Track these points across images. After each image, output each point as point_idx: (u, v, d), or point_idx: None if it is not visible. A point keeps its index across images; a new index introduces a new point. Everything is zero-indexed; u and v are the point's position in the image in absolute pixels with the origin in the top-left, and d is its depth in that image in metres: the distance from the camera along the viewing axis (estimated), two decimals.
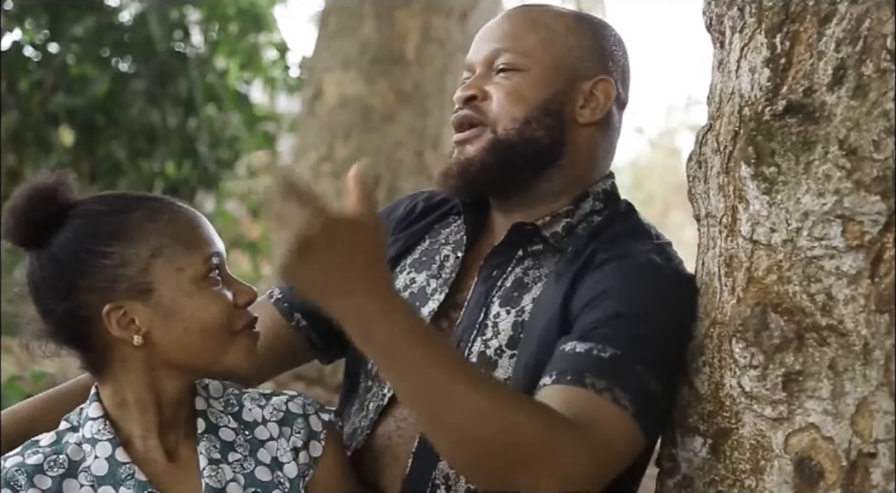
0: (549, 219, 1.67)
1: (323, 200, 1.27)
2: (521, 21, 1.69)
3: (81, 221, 1.47)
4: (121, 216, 1.47)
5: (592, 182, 1.70)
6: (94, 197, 1.53)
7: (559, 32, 1.68)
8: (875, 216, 1.34)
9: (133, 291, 1.44)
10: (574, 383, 1.42)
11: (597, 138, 1.70)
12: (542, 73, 1.66)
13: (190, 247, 1.47)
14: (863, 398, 1.36)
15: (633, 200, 1.81)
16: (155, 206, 1.50)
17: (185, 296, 1.45)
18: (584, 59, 1.68)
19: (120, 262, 1.44)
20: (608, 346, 1.46)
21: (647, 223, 1.71)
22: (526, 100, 1.65)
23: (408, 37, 5.02)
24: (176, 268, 1.45)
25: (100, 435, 1.48)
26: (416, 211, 1.84)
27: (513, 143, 1.65)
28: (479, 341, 1.62)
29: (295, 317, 1.83)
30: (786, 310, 1.42)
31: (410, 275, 1.75)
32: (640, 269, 1.56)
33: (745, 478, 1.46)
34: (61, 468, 1.45)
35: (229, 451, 1.52)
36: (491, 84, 1.67)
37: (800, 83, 1.41)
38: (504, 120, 1.65)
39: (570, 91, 1.67)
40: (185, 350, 1.47)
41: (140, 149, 6.26)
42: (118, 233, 1.46)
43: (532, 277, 1.65)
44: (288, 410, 1.58)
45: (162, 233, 1.46)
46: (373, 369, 1.73)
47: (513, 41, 1.67)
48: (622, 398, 1.42)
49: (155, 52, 6.03)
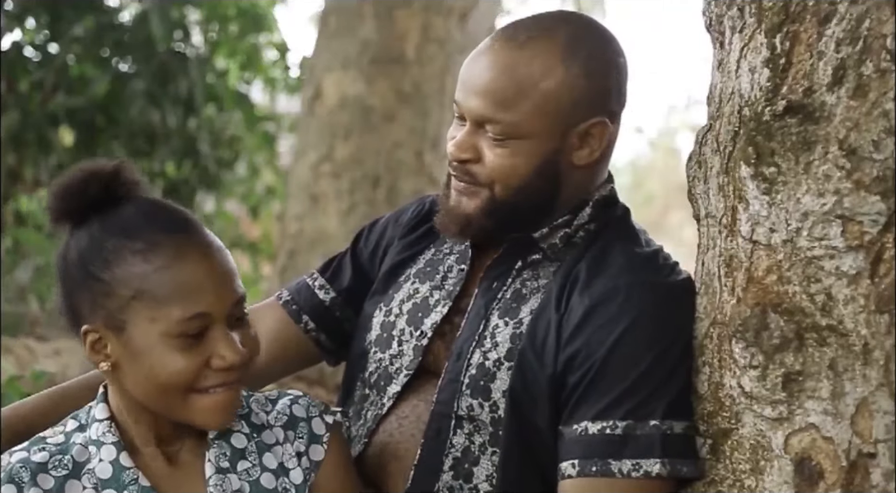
0: (547, 231, 1.66)
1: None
2: (508, 81, 1.59)
3: (102, 230, 1.44)
4: (130, 242, 1.42)
5: (592, 191, 1.69)
6: (143, 202, 1.47)
7: (550, 91, 1.59)
8: (875, 216, 1.34)
9: (109, 322, 1.42)
10: (604, 475, 1.50)
11: (594, 167, 1.67)
12: (536, 140, 1.60)
13: (171, 302, 1.40)
14: (863, 399, 1.36)
15: (633, 200, 1.81)
16: (170, 242, 1.42)
17: (149, 347, 1.40)
18: (578, 106, 1.61)
19: (106, 291, 1.41)
20: (618, 419, 1.51)
21: (640, 229, 1.71)
22: (519, 169, 1.61)
23: (408, 37, 5.02)
24: (150, 317, 1.40)
25: (105, 438, 1.46)
26: (423, 217, 1.83)
27: (509, 204, 1.63)
28: (478, 353, 1.63)
29: (303, 319, 1.84)
30: (786, 310, 1.42)
31: (414, 285, 1.75)
32: (631, 307, 1.55)
33: (744, 478, 1.46)
34: (65, 469, 1.44)
35: (239, 459, 1.50)
36: (483, 143, 1.61)
37: (800, 83, 1.41)
38: (499, 186, 1.62)
39: (564, 142, 1.62)
40: (146, 396, 1.44)
41: (140, 149, 6.25)
42: (116, 261, 1.41)
43: (530, 288, 1.65)
44: (292, 413, 1.56)
45: (149, 278, 1.40)
46: (371, 378, 1.74)
47: (502, 110, 1.58)
48: (652, 467, 1.50)
49: (155, 52, 6.02)
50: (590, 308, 1.56)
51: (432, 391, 1.66)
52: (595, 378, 1.53)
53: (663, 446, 1.50)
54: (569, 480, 1.53)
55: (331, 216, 5.04)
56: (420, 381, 1.69)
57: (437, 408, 1.64)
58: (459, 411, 1.62)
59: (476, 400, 1.61)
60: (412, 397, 1.69)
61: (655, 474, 1.49)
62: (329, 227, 5.03)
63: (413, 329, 1.71)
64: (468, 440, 1.62)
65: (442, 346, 1.69)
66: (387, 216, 1.89)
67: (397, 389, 1.69)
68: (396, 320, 1.73)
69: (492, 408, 1.60)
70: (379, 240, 1.85)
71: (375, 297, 1.79)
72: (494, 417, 1.60)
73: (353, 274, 1.85)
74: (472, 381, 1.61)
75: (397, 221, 1.85)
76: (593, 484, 1.51)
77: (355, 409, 1.76)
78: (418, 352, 1.69)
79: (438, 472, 1.62)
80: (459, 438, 1.62)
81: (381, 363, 1.72)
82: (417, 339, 1.70)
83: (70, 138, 6.28)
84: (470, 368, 1.62)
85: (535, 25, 1.63)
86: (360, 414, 1.74)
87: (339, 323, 1.85)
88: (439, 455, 1.62)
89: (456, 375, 1.63)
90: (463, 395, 1.61)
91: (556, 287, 1.62)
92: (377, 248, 1.85)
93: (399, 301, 1.74)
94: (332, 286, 1.85)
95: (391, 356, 1.71)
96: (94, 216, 1.45)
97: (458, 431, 1.62)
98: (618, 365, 1.53)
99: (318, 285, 1.86)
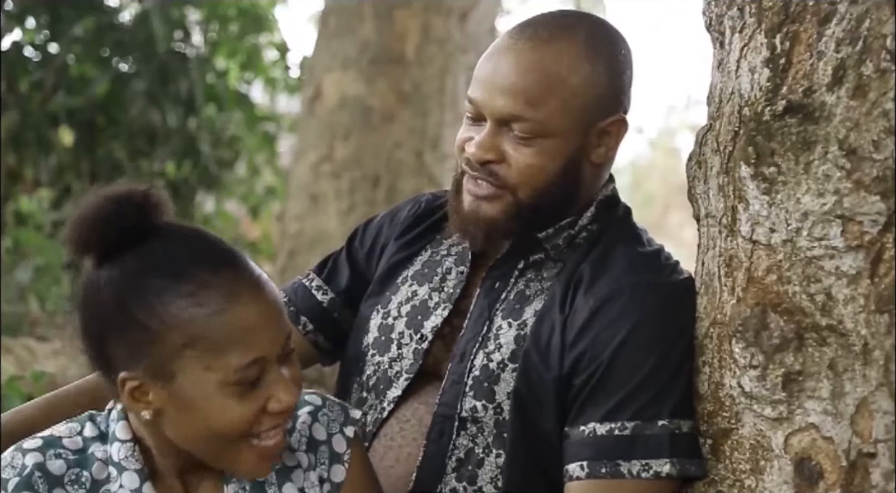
0: (552, 231, 1.65)
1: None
2: (537, 78, 1.57)
3: (142, 268, 1.31)
4: (177, 284, 1.30)
5: (596, 191, 1.69)
6: (176, 233, 1.35)
7: (578, 87, 1.58)
8: (875, 216, 1.34)
9: (156, 370, 1.31)
10: (614, 476, 1.50)
11: (605, 166, 1.68)
12: (562, 138, 1.59)
13: (228, 349, 1.30)
14: (862, 398, 1.36)
15: (633, 200, 1.81)
16: (214, 283, 1.31)
17: (206, 397, 1.30)
18: (601, 103, 1.61)
19: (153, 339, 1.30)
20: (627, 420, 1.51)
21: (641, 229, 1.70)
22: (546, 168, 1.59)
23: (407, 37, 5.02)
24: (204, 366, 1.30)
25: (127, 463, 1.38)
26: (418, 217, 1.82)
27: (534, 206, 1.61)
28: (481, 355, 1.62)
29: (301, 321, 1.82)
30: (786, 310, 1.42)
31: (413, 287, 1.74)
32: (635, 308, 1.55)
33: (744, 478, 1.46)
34: (83, 488, 1.36)
35: (258, 491, 1.43)
36: (507, 143, 1.59)
37: (799, 83, 1.41)
38: (525, 188, 1.60)
39: (586, 139, 1.61)
40: (192, 444, 1.35)
41: (140, 149, 6.26)
42: (158, 306, 1.29)
43: (534, 289, 1.65)
44: (311, 436, 1.49)
45: (204, 324, 1.29)
46: (369, 381, 1.73)
47: (531, 107, 1.57)
48: (662, 467, 1.50)
49: (155, 52, 6.03)
50: (594, 309, 1.56)
51: (434, 393, 1.65)
52: (601, 379, 1.53)
53: (672, 445, 1.50)
54: (577, 482, 1.53)
55: (331, 216, 5.04)
56: (420, 383, 1.68)
57: (439, 410, 1.63)
58: (462, 412, 1.61)
59: (480, 402, 1.60)
60: (413, 399, 1.68)
61: (665, 474, 1.49)
62: (329, 227, 5.03)
63: (413, 332, 1.70)
64: (471, 442, 1.61)
65: (442, 347, 1.68)
66: (381, 215, 1.87)
67: (398, 393, 1.68)
68: (395, 323, 1.72)
69: (496, 410, 1.60)
70: (375, 240, 1.83)
71: (372, 299, 1.78)
72: (498, 419, 1.59)
73: (351, 275, 1.83)
74: (475, 383, 1.61)
75: (392, 220, 1.84)
76: (602, 486, 1.51)
77: None
78: (419, 355, 1.68)
79: (442, 474, 1.61)
80: (463, 440, 1.61)
81: (379, 367, 1.71)
82: (417, 342, 1.69)
83: (70, 138, 6.29)
84: (473, 369, 1.62)
85: (555, 24, 1.62)
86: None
87: (336, 324, 1.83)
88: (442, 458, 1.61)
89: (459, 376, 1.62)
90: (466, 397, 1.61)
91: (559, 288, 1.61)
92: (373, 248, 1.83)
93: (397, 304, 1.73)
94: (330, 287, 1.83)
95: (390, 360, 1.70)
96: (127, 249, 1.32)
97: (461, 432, 1.61)
98: (624, 366, 1.53)
99: (315, 286, 1.84)
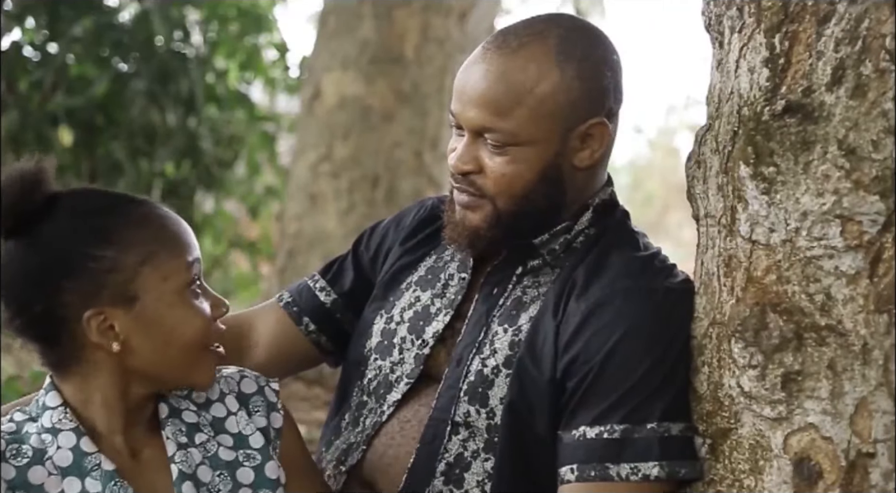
0: (548, 237, 1.65)
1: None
2: (503, 88, 1.57)
3: (73, 218, 1.42)
4: (114, 218, 1.42)
5: (592, 194, 1.68)
6: (78, 191, 1.48)
7: (546, 95, 1.57)
8: (874, 216, 1.34)
9: (117, 298, 1.39)
10: (603, 480, 1.50)
11: (595, 168, 1.66)
12: (536, 146, 1.59)
13: (175, 254, 1.43)
14: (862, 398, 1.36)
15: (632, 200, 1.81)
16: (143, 209, 1.45)
17: (168, 307, 1.41)
18: (576, 108, 1.59)
19: (109, 267, 1.39)
20: (616, 423, 1.51)
21: (639, 232, 1.70)
22: (522, 176, 1.60)
23: (407, 37, 5.02)
24: (161, 277, 1.41)
25: (61, 424, 1.42)
26: (423, 221, 1.82)
27: (515, 213, 1.62)
28: (476, 360, 1.63)
29: (304, 321, 1.83)
30: (785, 310, 1.42)
31: (416, 293, 1.74)
32: (627, 313, 1.55)
33: (744, 478, 1.46)
34: (25, 457, 1.39)
35: (195, 432, 1.48)
36: (484, 153, 1.60)
37: (799, 83, 1.41)
38: (502, 197, 1.61)
39: (565, 145, 1.60)
40: (161, 362, 1.43)
41: (140, 149, 6.25)
42: (111, 236, 1.40)
43: (531, 296, 1.65)
44: (241, 390, 1.55)
45: (153, 239, 1.42)
46: (370, 385, 1.73)
47: (499, 118, 1.57)
48: (650, 470, 1.50)
49: (155, 52, 6.03)
50: (587, 314, 1.56)
51: (434, 397, 1.66)
52: (592, 384, 1.53)
53: (661, 448, 1.50)
54: (568, 485, 1.53)
55: (330, 216, 5.04)
56: (422, 386, 1.68)
57: (434, 414, 1.64)
58: (456, 417, 1.61)
59: (473, 407, 1.61)
60: (414, 402, 1.68)
61: (654, 477, 1.49)
62: (328, 226, 5.04)
63: (414, 338, 1.70)
64: (462, 447, 1.61)
65: (444, 351, 1.69)
66: (388, 220, 1.88)
67: (397, 397, 1.69)
68: (397, 328, 1.72)
69: (488, 415, 1.60)
70: (380, 245, 1.84)
71: (375, 303, 1.79)
72: (491, 424, 1.60)
73: (355, 277, 1.84)
74: (469, 388, 1.61)
75: (398, 225, 1.84)
76: (592, 489, 1.51)
77: (352, 415, 1.76)
78: (419, 361, 1.69)
79: (430, 477, 1.62)
80: (454, 444, 1.62)
81: (381, 370, 1.72)
82: (419, 348, 1.69)
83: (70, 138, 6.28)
84: (469, 374, 1.62)
85: (526, 30, 1.62)
86: (358, 421, 1.74)
87: (339, 325, 1.84)
88: (432, 461, 1.62)
89: (455, 381, 1.63)
90: (460, 401, 1.61)
91: (553, 294, 1.61)
92: (378, 252, 1.84)
93: (400, 309, 1.74)
94: (334, 289, 1.85)
95: (392, 364, 1.71)
96: (39, 220, 1.41)
97: (452, 437, 1.62)
98: (614, 371, 1.53)
99: (319, 287, 1.85)
